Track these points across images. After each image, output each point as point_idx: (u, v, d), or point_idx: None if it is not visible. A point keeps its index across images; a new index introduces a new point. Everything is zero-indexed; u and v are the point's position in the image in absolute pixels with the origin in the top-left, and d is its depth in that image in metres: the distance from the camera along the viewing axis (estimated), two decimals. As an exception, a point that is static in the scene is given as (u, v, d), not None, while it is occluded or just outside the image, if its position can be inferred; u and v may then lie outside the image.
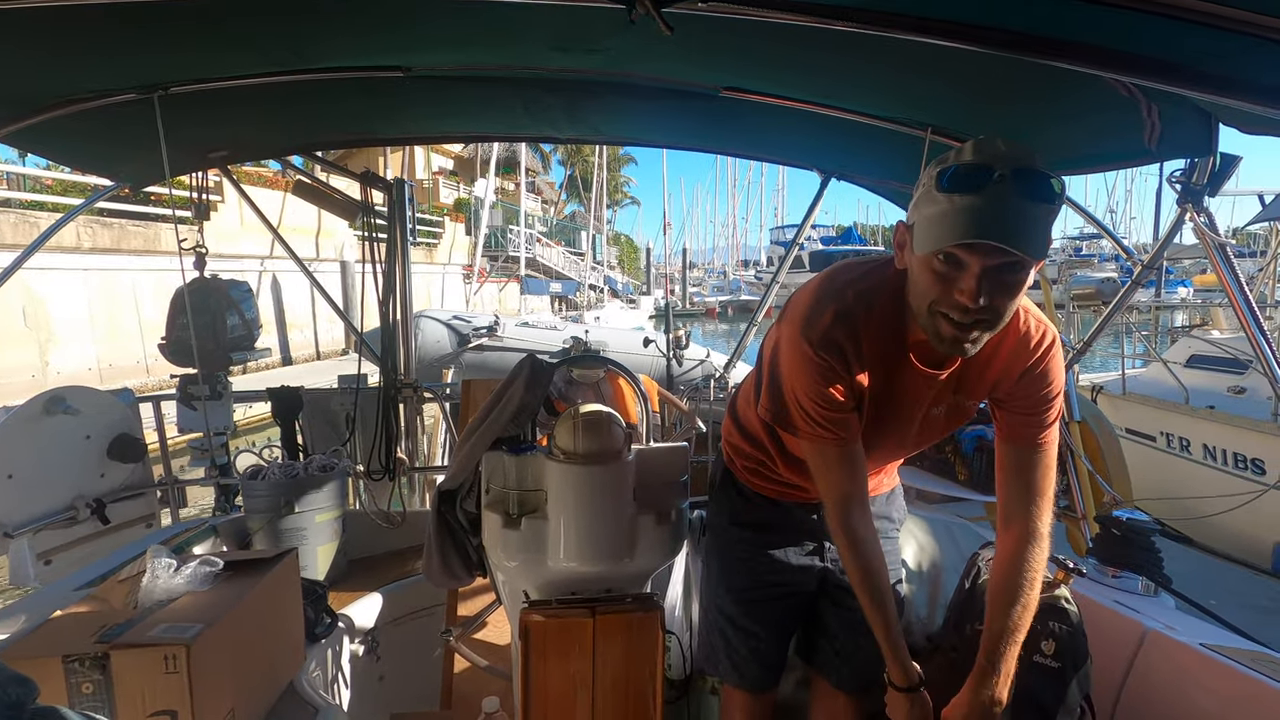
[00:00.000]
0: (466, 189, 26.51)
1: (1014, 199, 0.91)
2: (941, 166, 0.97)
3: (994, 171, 0.92)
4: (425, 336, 7.14)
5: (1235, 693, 1.36)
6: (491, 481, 1.58)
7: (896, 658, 1.19)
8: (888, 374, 1.16)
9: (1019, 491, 1.21)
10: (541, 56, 1.91)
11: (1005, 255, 0.93)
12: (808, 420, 1.16)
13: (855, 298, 1.13)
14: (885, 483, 1.51)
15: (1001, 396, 1.20)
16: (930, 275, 1.00)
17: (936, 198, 0.96)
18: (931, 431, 1.29)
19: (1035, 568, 1.18)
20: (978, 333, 1.00)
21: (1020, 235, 0.91)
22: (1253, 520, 5.21)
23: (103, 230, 10.57)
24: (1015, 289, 0.98)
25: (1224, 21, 0.88)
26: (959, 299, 0.97)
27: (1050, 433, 1.20)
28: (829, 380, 1.12)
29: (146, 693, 1.19)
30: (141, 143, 2.11)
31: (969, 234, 0.92)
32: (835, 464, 1.18)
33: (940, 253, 0.97)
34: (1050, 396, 1.17)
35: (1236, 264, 1.94)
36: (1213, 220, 1.87)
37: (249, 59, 1.83)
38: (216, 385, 2.95)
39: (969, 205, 0.93)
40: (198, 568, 1.42)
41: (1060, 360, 1.18)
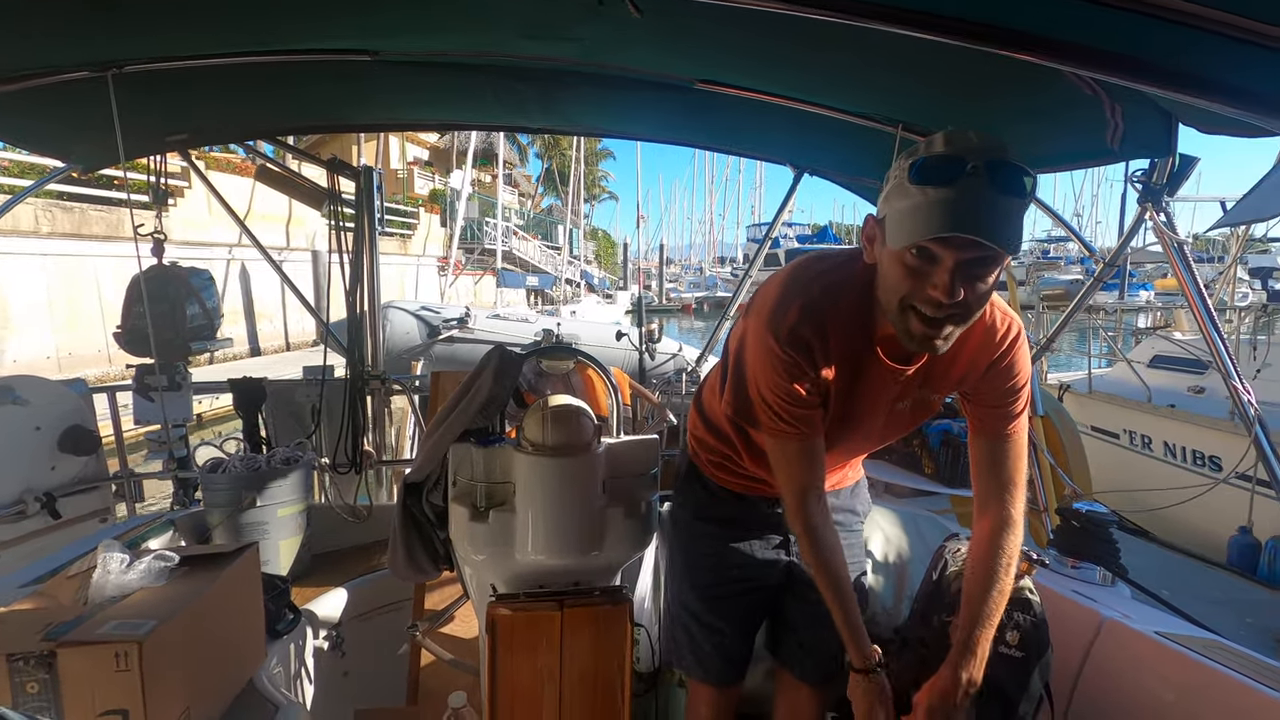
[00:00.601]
0: (442, 180, 26.14)
1: (987, 191, 0.90)
2: (913, 158, 0.95)
3: (967, 163, 0.90)
4: (394, 327, 7.03)
5: (1188, 678, 1.40)
6: (459, 474, 1.56)
7: (855, 641, 1.20)
8: (854, 369, 1.15)
9: (992, 481, 1.22)
10: (512, 44, 1.88)
11: (979, 249, 0.92)
12: (771, 415, 1.16)
13: (822, 292, 1.12)
14: (850, 476, 1.52)
15: (969, 390, 1.21)
16: (902, 269, 0.98)
17: (909, 190, 0.95)
18: (897, 426, 1.29)
19: (1010, 553, 1.20)
20: (949, 328, 0.99)
21: (994, 228, 0.90)
22: (1209, 515, 5.38)
23: (63, 215, 10.21)
24: (987, 283, 0.97)
25: (1184, 18, 0.90)
26: (932, 294, 0.96)
27: (1019, 422, 1.21)
28: (794, 376, 1.11)
29: (96, 692, 1.15)
30: (95, 123, 2.03)
31: (944, 227, 0.91)
32: (796, 458, 1.18)
33: (913, 247, 0.95)
34: (1017, 388, 1.18)
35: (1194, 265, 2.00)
36: (1171, 220, 1.92)
37: (208, 39, 1.77)
38: (175, 376, 2.86)
39: (942, 198, 0.91)
40: (152, 563, 1.37)
41: (1026, 352, 1.19)
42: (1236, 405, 1.82)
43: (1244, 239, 8.60)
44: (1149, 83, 1.15)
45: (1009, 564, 1.20)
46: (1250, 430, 1.80)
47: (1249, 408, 1.79)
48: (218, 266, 13.08)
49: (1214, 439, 5.93)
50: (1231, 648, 1.46)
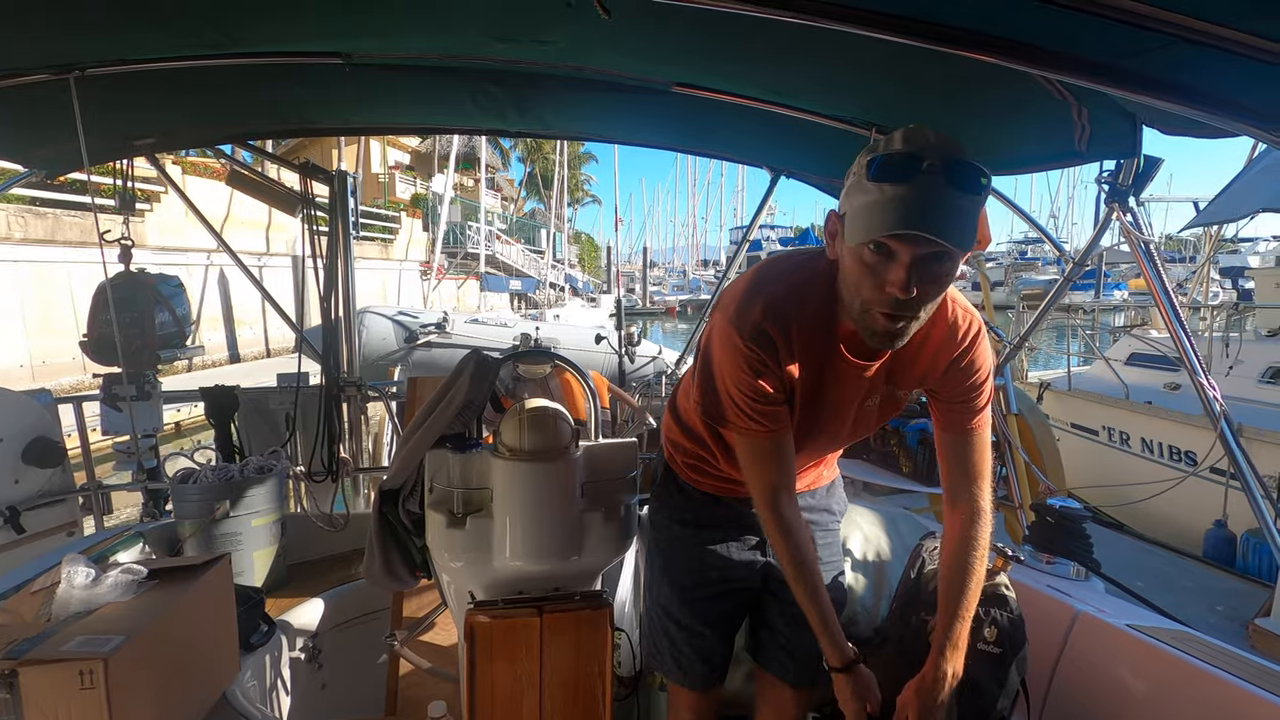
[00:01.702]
0: (424, 184, 25.94)
1: (944, 189, 0.91)
2: (871, 155, 0.96)
3: (924, 161, 0.92)
4: (370, 333, 6.95)
5: (1159, 669, 1.43)
6: (435, 480, 1.54)
7: (831, 640, 1.21)
8: (819, 367, 1.16)
9: (960, 475, 1.25)
10: (485, 46, 1.87)
11: (934, 245, 0.93)
12: (738, 412, 1.17)
13: (787, 290, 1.13)
14: (825, 475, 1.52)
15: (934, 386, 1.23)
16: (860, 266, 1.00)
17: (867, 187, 0.96)
18: (866, 423, 1.31)
19: (982, 543, 1.23)
20: (905, 323, 1.01)
21: (949, 226, 0.92)
22: (1186, 508, 5.51)
23: (35, 220, 9.99)
24: (944, 279, 0.99)
25: (1144, 21, 0.92)
26: (889, 290, 0.97)
27: (983, 416, 1.23)
28: (759, 372, 1.12)
29: (60, 711, 1.11)
30: (57, 127, 1.98)
31: (900, 225, 0.92)
32: (765, 456, 1.19)
33: (871, 242, 0.97)
34: (979, 383, 1.20)
35: (1164, 264, 2.05)
36: (1138, 219, 1.96)
37: (174, 40, 1.73)
38: (144, 385, 2.80)
39: (899, 195, 0.92)
40: (119, 576, 1.34)
41: (987, 349, 1.21)
42: (1204, 402, 1.86)
43: (1216, 239, 8.82)
44: (1112, 85, 1.17)
45: (982, 554, 1.23)
46: (1216, 425, 1.84)
47: (1215, 404, 1.83)
48: (196, 273, 12.84)
49: (1189, 434, 6.06)
50: (1201, 639, 1.49)
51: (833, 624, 1.21)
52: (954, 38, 1.13)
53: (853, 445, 2.99)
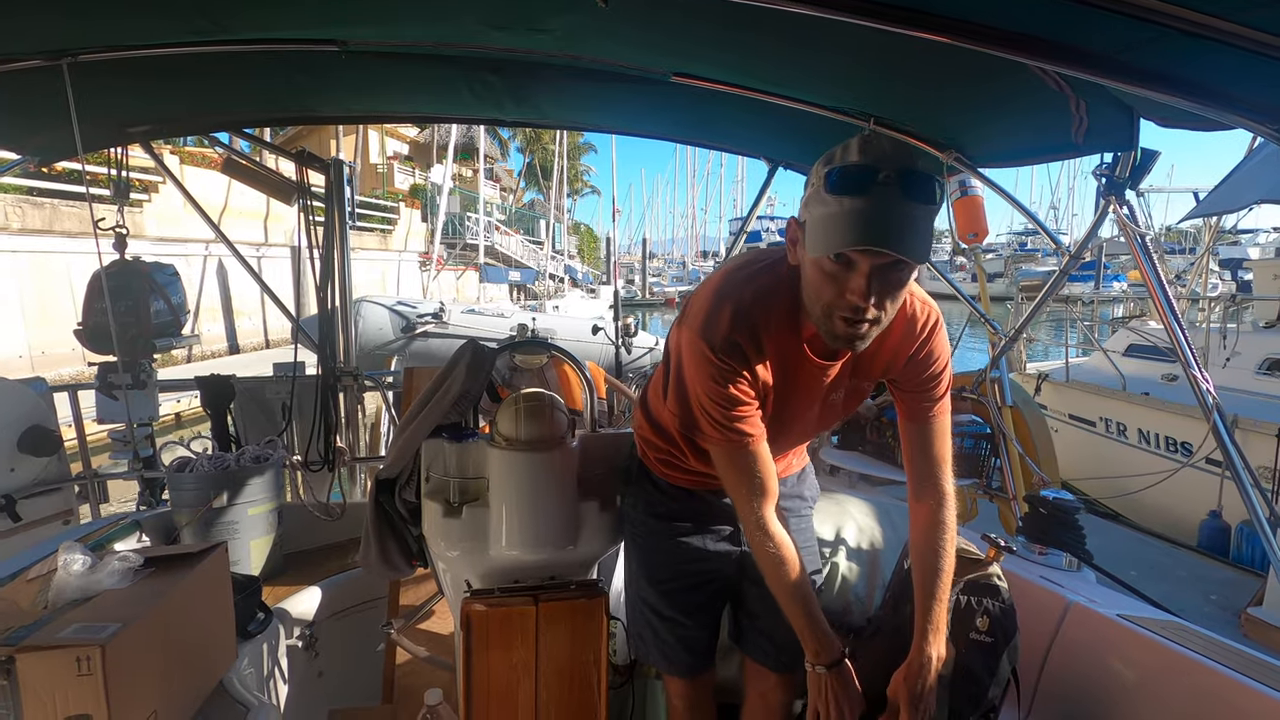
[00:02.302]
0: (422, 174, 25.81)
1: (899, 201, 0.93)
2: (829, 167, 0.98)
3: (879, 173, 0.93)
4: (367, 323, 6.94)
5: (1149, 659, 1.44)
6: (431, 470, 1.55)
7: (816, 636, 1.21)
8: (786, 368, 1.18)
9: (924, 462, 1.28)
10: (482, 35, 1.85)
11: (892, 256, 0.95)
12: (713, 424, 1.18)
13: (753, 297, 1.14)
14: (795, 463, 1.53)
15: (896, 377, 1.26)
16: (821, 275, 1.02)
17: (825, 199, 0.97)
18: (832, 414, 1.34)
19: (950, 525, 1.27)
20: (868, 328, 1.04)
21: (905, 238, 0.94)
22: (1181, 499, 5.54)
23: (33, 210, 9.93)
24: (902, 286, 1.02)
25: (1142, 12, 0.92)
26: (850, 299, 1.00)
27: (942, 405, 1.27)
28: (730, 381, 1.13)
29: (57, 697, 1.12)
30: (50, 114, 1.97)
31: (858, 240, 0.94)
32: (744, 467, 1.20)
33: (831, 254, 0.99)
34: (938, 373, 1.24)
35: (1162, 256, 2.05)
36: (1134, 212, 1.96)
37: (166, 26, 1.72)
38: (140, 373, 2.79)
39: (856, 208, 0.94)
40: (116, 564, 1.34)
41: (945, 339, 1.24)
42: (1197, 394, 1.87)
43: (1215, 230, 8.80)
44: (1108, 77, 1.17)
45: (951, 536, 1.27)
46: (1209, 418, 1.85)
47: (1208, 396, 1.84)
48: (195, 263, 12.79)
49: (1186, 425, 6.08)
50: (1191, 629, 1.51)
51: (819, 621, 1.21)
52: (952, 28, 1.13)
53: (848, 437, 3.00)
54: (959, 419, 2.86)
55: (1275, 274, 7.63)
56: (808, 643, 1.21)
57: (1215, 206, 6.75)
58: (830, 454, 2.96)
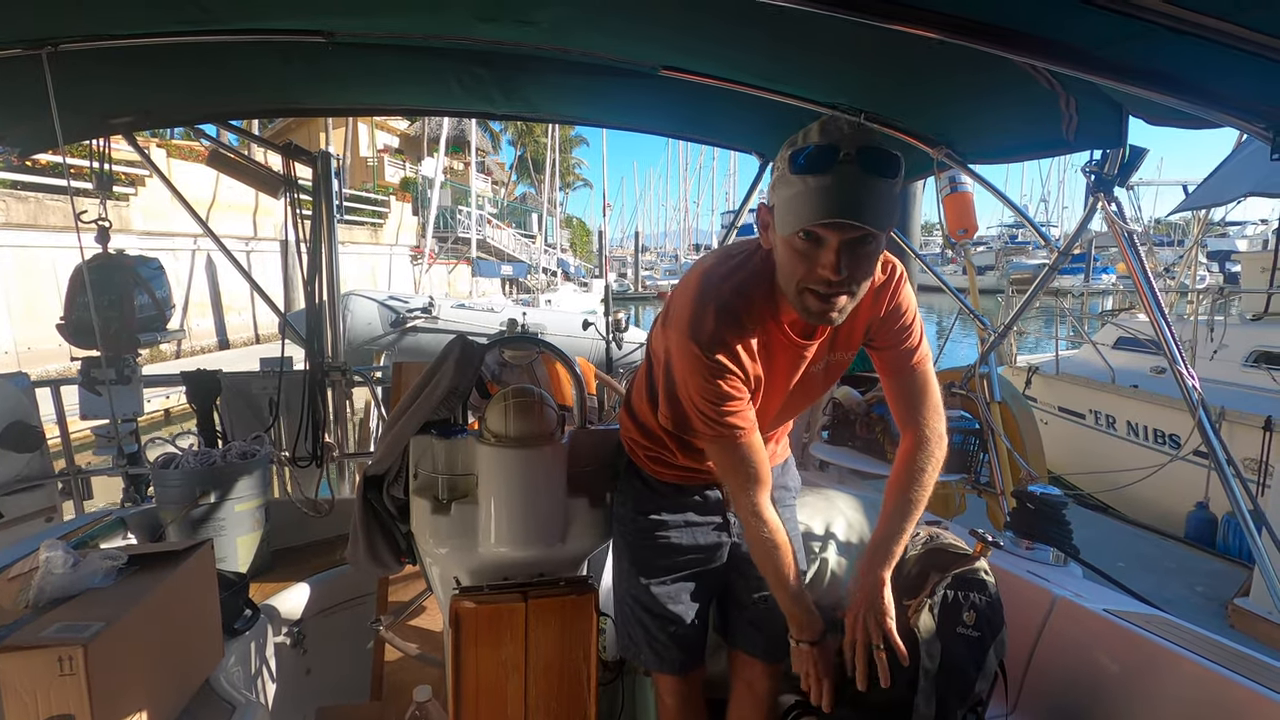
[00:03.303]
0: (413, 167, 25.65)
1: (860, 177, 0.98)
2: (793, 149, 1.03)
3: (840, 151, 0.98)
4: (355, 318, 6.89)
5: (1134, 653, 1.45)
6: (420, 466, 1.54)
7: (803, 614, 1.28)
8: (769, 354, 1.22)
9: (909, 407, 1.32)
10: (470, 26, 1.83)
11: (858, 229, 1.00)
12: (707, 421, 1.20)
13: (733, 291, 1.17)
14: (779, 453, 1.56)
15: (874, 336, 1.30)
16: (793, 254, 1.06)
17: (791, 180, 1.03)
18: (812, 391, 1.37)
19: (922, 465, 1.31)
20: (843, 301, 1.07)
21: (869, 210, 0.99)
22: (1168, 491, 5.60)
23: (17, 204, 9.80)
24: (871, 258, 1.07)
25: (1131, 9, 0.92)
26: (821, 273, 1.04)
27: (920, 353, 1.30)
28: (722, 378, 1.16)
29: (39, 698, 1.11)
30: (30, 105, 1.94)
31: (824, 214, 0.99)
32: (740, 460, 1.23)
33: (801, 231, 1.03)
34: (909, 322, 1.28)
35: (1150, 250, 2.07)
36: (1122, 209, 1.97)
37: (150, 14, 1.69)
38: (124, 369, 2.76)
39: (821, 185, 0.99)
40: (99, 562, 1.33)
41: (909, 288, 1.28)
42: (1182, 389, 1.88)
43: (1204, 222, 8.86)
44: (1098, 74, 1.17)
45: (922, 477, 1.30)
46: (1194, 414, 1.86)
47: (1193, 392, 1.86)
48: (183, 258, 12.66)
49: (1174, 417, 6.13)
50: (1176, 623, 1.52)
51: (807, 604, 1.28)
52: (943, 24, 1.13)
53: (837, 433, 3.01)
54: (948, 414, 2.87)
55: (1263, 267, 7.69)
56: (794, 619, 1.28)
57: (1204, 199, 6.80)
58: (820, 449, 2.97)
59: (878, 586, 1.26)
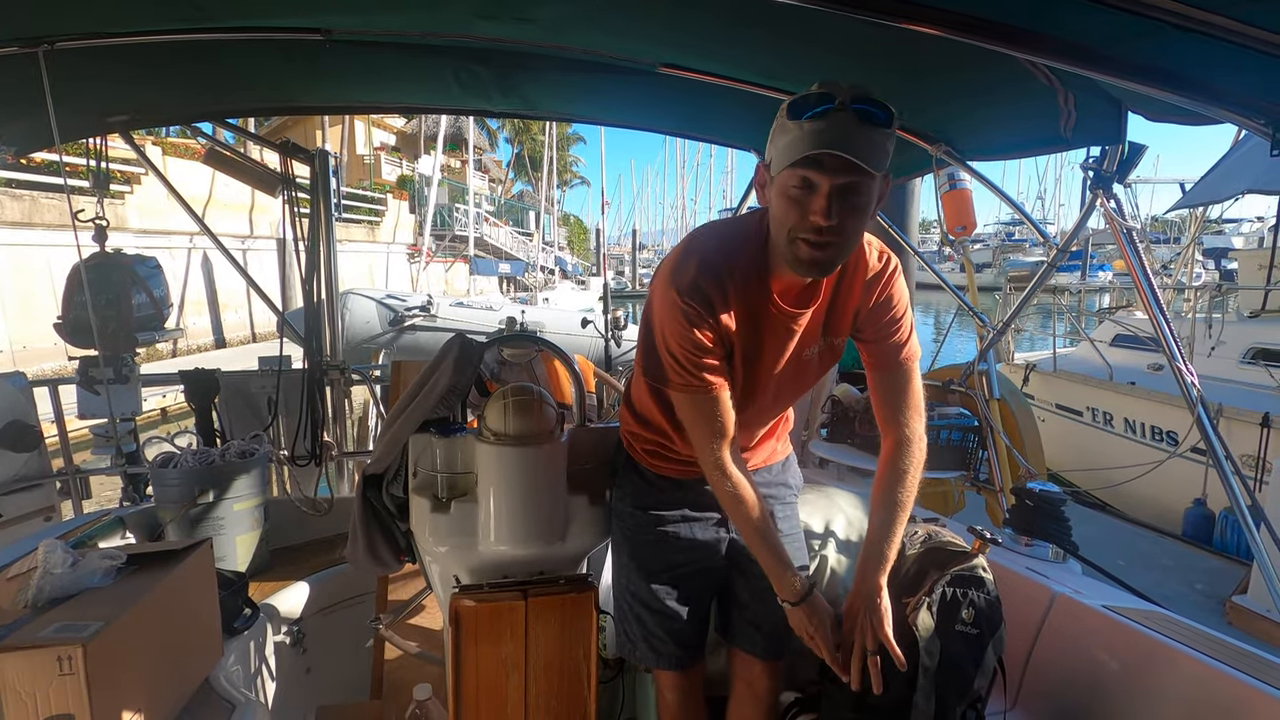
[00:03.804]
0: (410, 165, 25.60)
1: (855, 122, 1.03)
2: (792, 100, 1.08)
3: (836, 99, 1.04)
4: (354, 316, 6.87)
5: (1133, 649, 1.46)
6: (419, 465, 1.53)
7: (783, 569, 1.27)
8: (754, 321, 1.24)
9: (889, 407, 1.33)
10: (468, 24, 1.83)
11: (850, 173, 1.03)
12: (678, 369, 1.23)
13: (719, 247, 1.21)
14: (779, 451, 1.55)
15: (862, 326, 1.31)
16: (786, 201, 1.10)
17: (788, 126, 1.07)
18: (806, 375, 1.37)
19: (904, 467, 1.31)
20: (829, 250, 1.10)
21: (860, 150, 1.02)
22: (1166, 488, 5.60)
23: (12, 203, 9.77)
24: (862, 209, 1.09)
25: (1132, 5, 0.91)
26: (813, 219, 1.07)
27: (909, 350, 1.32)
28: (696, 325, 1.19)
29: (39, 697, 1.10)
30: (27, 103, 1.93)
31: (819, 146, 1.03)
32: (706, 414, 1.25)
33: (795, 175, 1.07)
34: (899, 315, 1.30)
35: (1147, 248, 2.07)
36: (1121, 206, 1.97)
37: (146, 13, 1.68)
38: (122, 368, 2.75)
39: (816, 128, 1.04)
40: (98, 562, 1.32)
41: (903, 283, 1.30)
42: (1181, 385, 1.89)
43: (1201, 220, 8.86)
44: (1099, 70, 1.17)
45: (903, 476, 1.31)
46: (1193, 410, 1.87)
47: (1192, 389, 1.86)
48: (179, 256, 12.62)
49: (1171, 414, 6.14)
50: (1174, 619, 1.53)
51: (783, 557, 1.28)
52: (941, 20, 1.13)
53: (837, 430, 3.01)
54: (947, 411, 2.88)
55: (1260, 264, 7.70)
56: (774, 578, 1.28)
57: (1202, 196, 6.81)
58: (819, 446, 2.97)
59: (874, 592, 1.26)
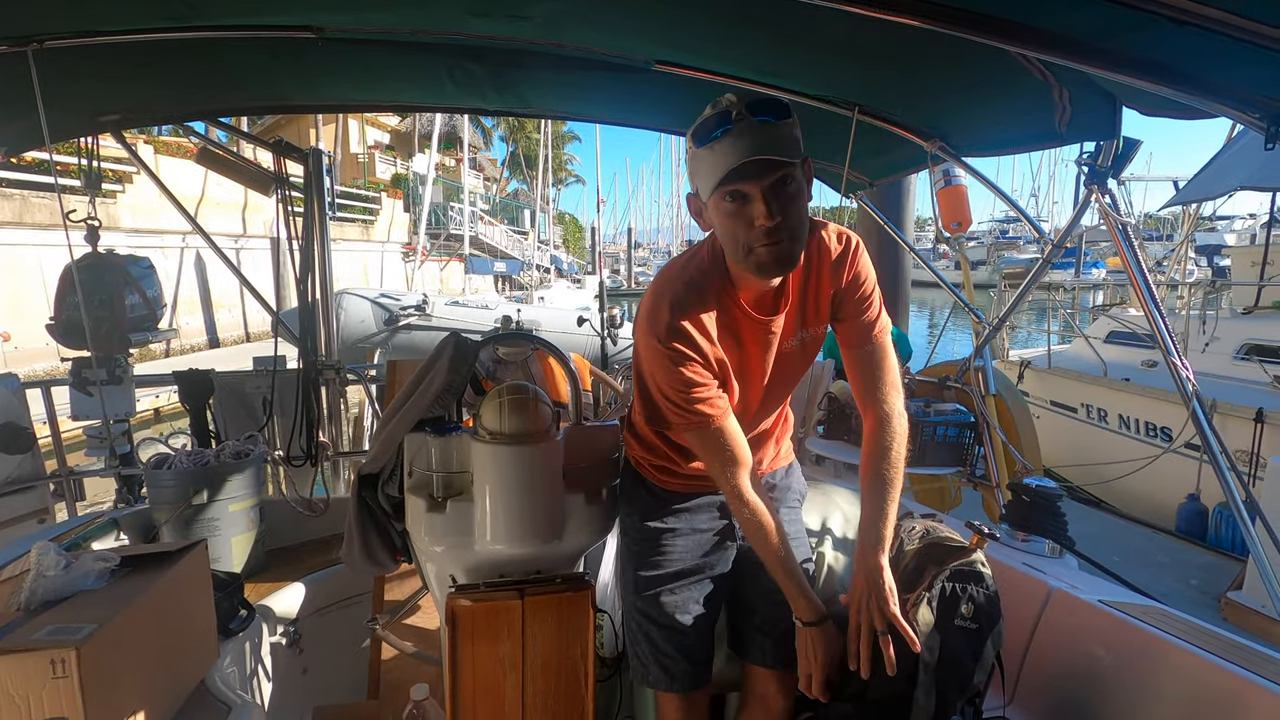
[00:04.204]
0: (404, 164, 25.54)
1: (755, 125, 1.07)
2: (691, 131, 1.13)
3: (730, 114, 1.08)
4: (349, 316, 6.85)
5: (1129, 643, 1.46)
6: (414, 464, 1.53)
7: (801, 594, 1.29)
8: (736, 337, 1.27)
9: (869, 385, 1.35)
10: (460, 21, 1.82)
11: (773, 170, 1.07)
12: (676, 410, 1.25)
13: (684, 284, 1.24)
14: (782, 457, 1.56)
15: (837, 308, 1.33)
16: (727, 220, 1.13)
17: (700, 154, 1.12)
18: (791, 368, 1.38)
19: (888, 443, 1.33)
20: (788, 243, 1.13)
21: (775, 146, 1.07)
22: (1159, 485, 5.62)
23: (3, 202, 9.70)
24: (797, 196, 1.12)
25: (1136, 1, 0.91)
26: (758, 224, 1.10)
27: (880, 325, 1.34)
28: (682, 364, 1.22)
29: (32, 701, 1.10)
30: (17, 102, 1.91)
31: (736, 159, 1.07)
32: (714, 446, 1.27)
33: (725, 192, 1.10)
34: (868, 292, 1.32)
35: (1142, 244, 2.07)
36: (1116, 201, 1.98)
37: (135, 10, 1.67)
38: (115, 369, 2.73)
39: (727, 146, 1.08)
40: (92, 564, 1.32)
41: (866, 257, 1.32)
42: (1176, 380, 1.89)
43: (1195, 217, 8.89)
44: (1093, 64, 1.17)
45: (887, 451, 1.33)
46: (1189, 405, 1.87)
47: (1187, 384, 1.86)
48: (171, 255, 12.55)
49: (1165, 410, 6.16)
50: (1170, 613, 1.53)
51: (803, 583, 1.29)
52: (935, 14, 1.12)
53: (833, 426, 3.01)
54: (943, 407, 2.88)
55: (1253, 261, 7.73)
56: (790, 597, 1.30)
57: (1197, 193, 6.83)
58: (815, 443, 2.97)
59: (876, 571, 1.27)
